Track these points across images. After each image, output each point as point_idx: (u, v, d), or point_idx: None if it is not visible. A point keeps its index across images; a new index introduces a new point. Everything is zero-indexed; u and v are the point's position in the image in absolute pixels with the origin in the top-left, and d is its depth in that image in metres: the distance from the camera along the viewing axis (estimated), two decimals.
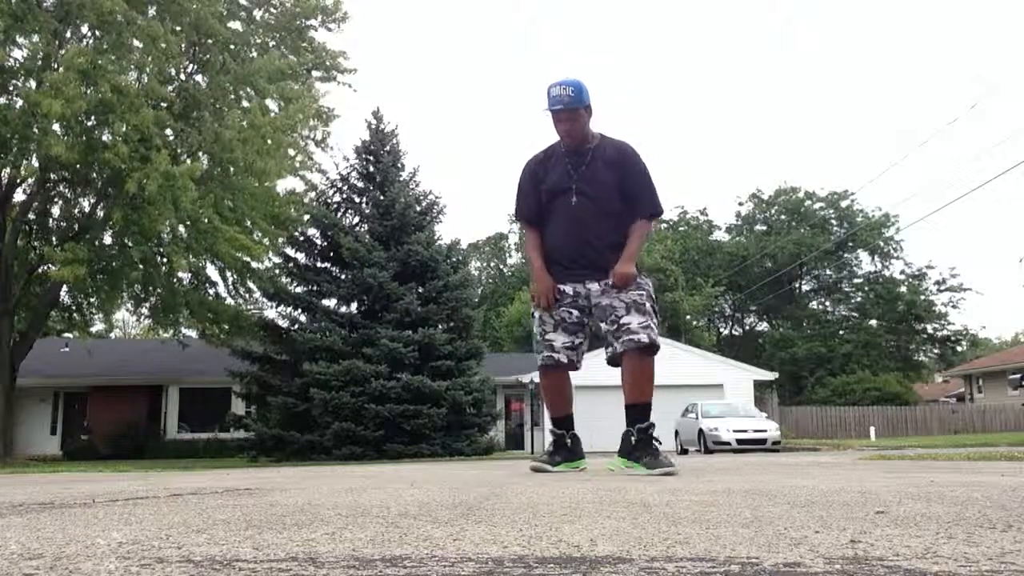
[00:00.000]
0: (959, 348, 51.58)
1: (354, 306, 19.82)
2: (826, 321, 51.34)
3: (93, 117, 15.79)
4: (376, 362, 17.58)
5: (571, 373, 4.12)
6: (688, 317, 45.37)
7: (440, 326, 19.18)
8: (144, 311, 21.17)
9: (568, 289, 3.98)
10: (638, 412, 3.83)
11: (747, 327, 55.90)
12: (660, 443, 3.84)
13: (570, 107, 3.92)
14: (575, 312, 3.98)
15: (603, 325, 3.91)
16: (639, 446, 3.77)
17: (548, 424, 4.31)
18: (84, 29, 17.31)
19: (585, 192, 3.99)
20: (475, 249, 55.32)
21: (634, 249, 3.94)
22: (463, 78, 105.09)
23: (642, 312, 3.79)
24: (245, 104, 18.30)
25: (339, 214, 20.68)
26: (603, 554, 1.19)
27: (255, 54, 18.83)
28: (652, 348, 3.78)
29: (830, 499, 2.06)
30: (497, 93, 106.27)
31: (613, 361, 3.89)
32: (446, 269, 19.79)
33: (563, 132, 4.02)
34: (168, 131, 16.94)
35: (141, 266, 17.76)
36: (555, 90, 3.92)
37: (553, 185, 4.06)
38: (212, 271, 20.11)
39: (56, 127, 15.19)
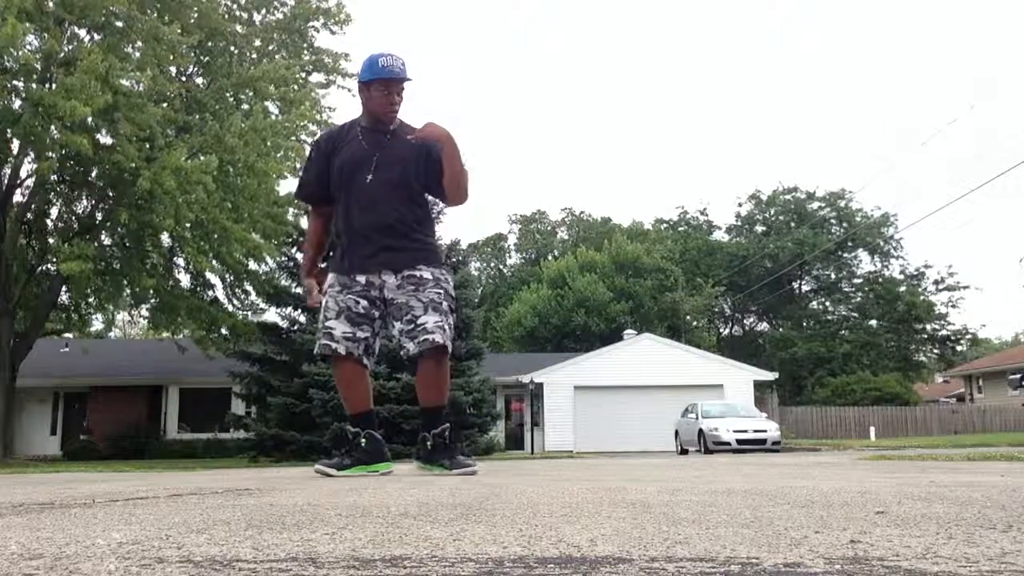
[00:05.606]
0: (959, 348, 51.55)
1: None
2: (826, 321, 51.32)
3: (96, 120, 15.76)
4: (376, 362, 17.57)
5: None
6: (688, 317, 45.39)
7: None
8: (143, 311, 21.17)
9: (361, 279, 3.66)
10: (432, 416, 3.70)
11: (747, 327, 55.88)
12: (459, 444, 3.71)
13: (405, 78, 3.62)
14: (363, 302, 3.68)
15: (397, 324, 3.65)
16: (437, 450, 3.66)
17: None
18: (82, 33, 17.28)
19: (383, 169, 3.62)
20: (475, 249, 55.28)
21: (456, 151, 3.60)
22: (462, 78, 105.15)
23: (439, 312, 3.56)
24: (245, 107, 18.30)
25: None
26: (603, 554, 1.19)
27: (255, 55, 18.83)
28: (446, 349, 3.59)
29: (830, 499, 2.06)
30: (496, 93, 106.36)
31: (411, 361, 3.69)
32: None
33: (387, 104, 3.62)
34: (170, 132, 16.92)
35: (149, 268, 17.74)
36: (386, 60, 3.59)
37: (347, 161, 3.66)
38: (209, 274, 20.08)
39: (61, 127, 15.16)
